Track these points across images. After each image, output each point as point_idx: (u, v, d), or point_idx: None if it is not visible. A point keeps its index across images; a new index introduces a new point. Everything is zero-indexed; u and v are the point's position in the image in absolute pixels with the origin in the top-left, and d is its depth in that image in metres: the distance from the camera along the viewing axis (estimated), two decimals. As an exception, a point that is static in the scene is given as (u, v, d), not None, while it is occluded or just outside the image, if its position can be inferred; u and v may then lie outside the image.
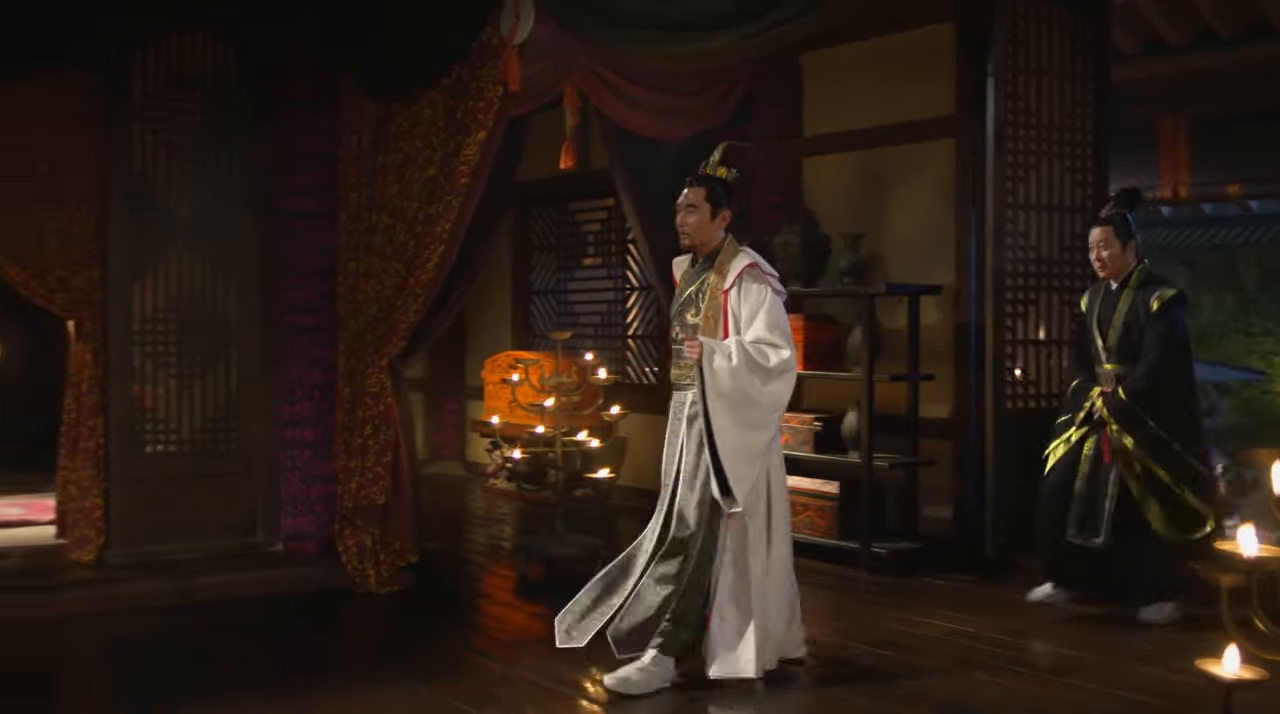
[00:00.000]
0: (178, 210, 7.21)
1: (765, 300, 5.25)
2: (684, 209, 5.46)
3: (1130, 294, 6.29)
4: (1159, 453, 6.14)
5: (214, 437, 7.36)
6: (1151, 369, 6.16)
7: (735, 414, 5.14)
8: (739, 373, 5.10)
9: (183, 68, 7.21)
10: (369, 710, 4.94)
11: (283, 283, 7.42)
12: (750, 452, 5.16)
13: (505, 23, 5.96)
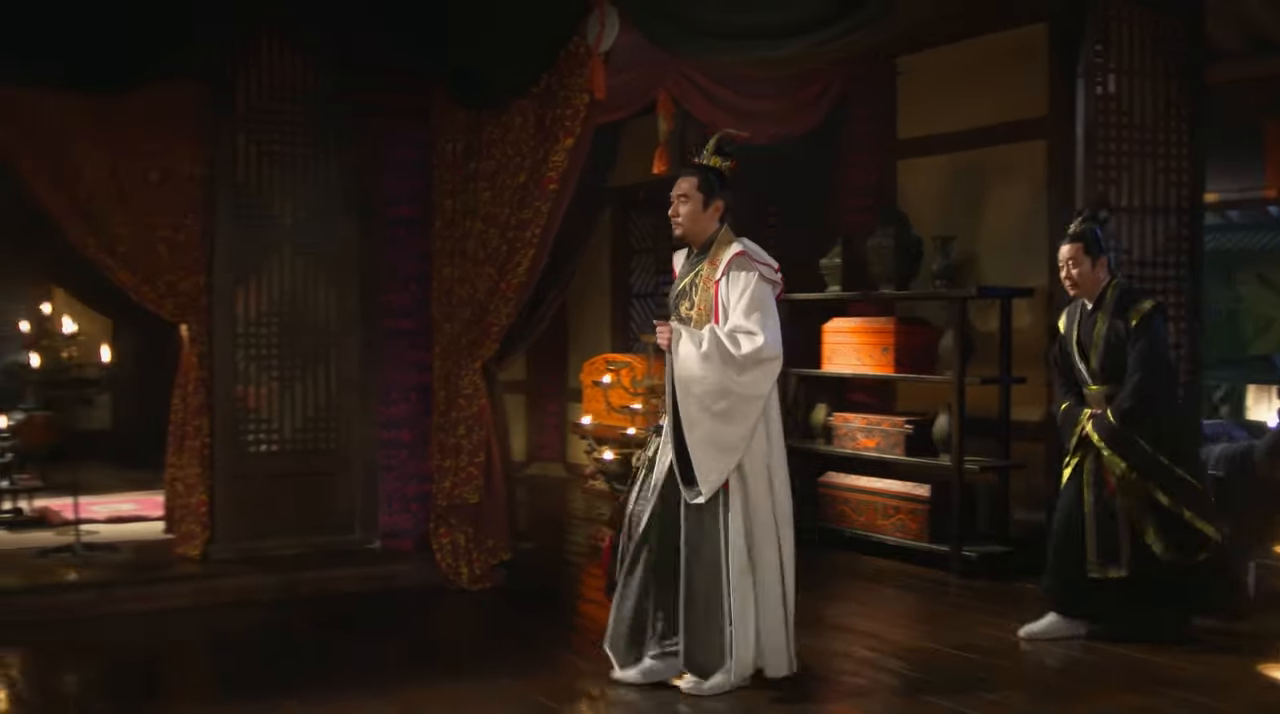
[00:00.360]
0: (280, 218, 7.44)
1: (749, 287, 5.06)
2: (676, 199, 5.33)
3: (1107, 312, 6.05)
4: (1154, 473, 5.92)
5: (314, 436, 7.57)
6: (1137, 389, 5.89)
7: (705, 403, 4.98)
8: (710, 359, 4.95)
9: (285, 80, 7.44)
10: (461, 705, 5.06)
11: (381, 287, 7.62)
12: (721, 443, 4.99)
13: (591, 32, 6.08)
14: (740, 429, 5.01)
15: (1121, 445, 5.94)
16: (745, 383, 4.98)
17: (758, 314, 5.03)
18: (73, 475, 7.87)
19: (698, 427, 5.01)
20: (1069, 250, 6.11)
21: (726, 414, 4.99)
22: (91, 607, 6.54)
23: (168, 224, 7.15)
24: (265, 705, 4.98)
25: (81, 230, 7.01)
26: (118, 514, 8.65)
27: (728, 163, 5.41)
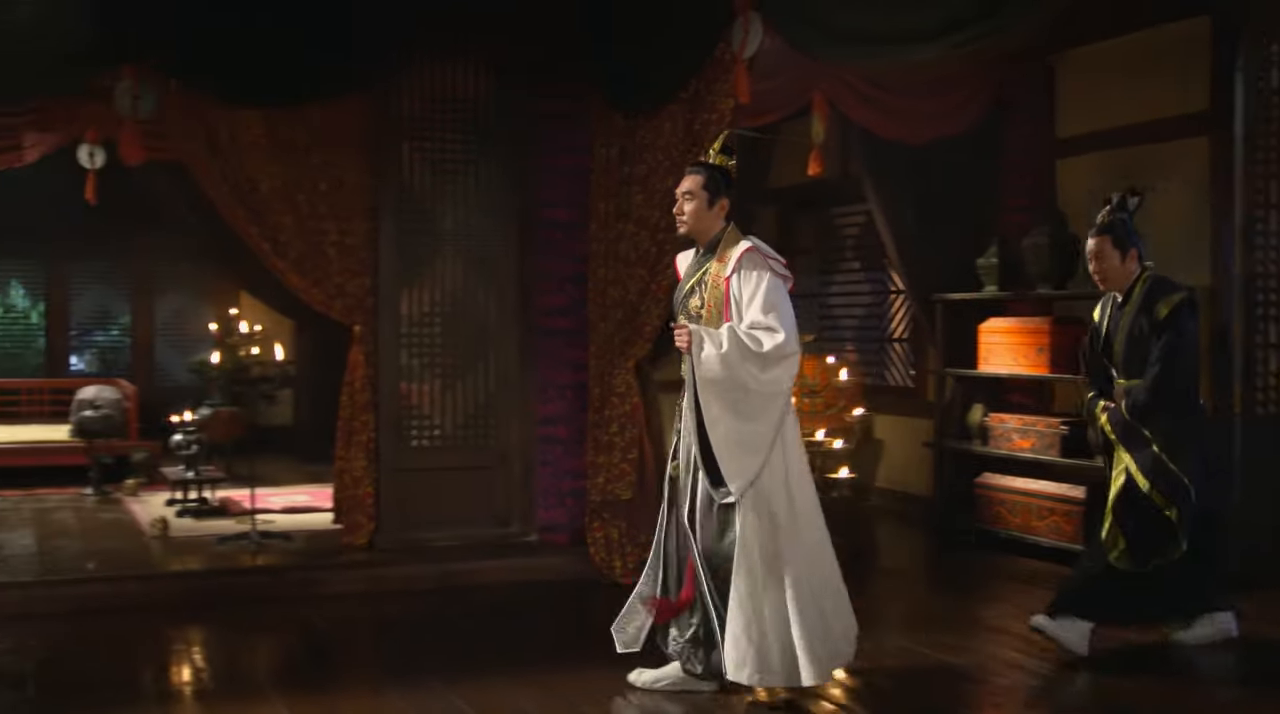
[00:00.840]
0: (442, 222, 7.74)
1: (763, 284, 5.02)
2: (681, 196, 5.30)
3: (1135, 305, 5.80)
4: (1157, 474, 5.66)
5: (474, 432, 7.86)
6: (1154, 383, 5.65)
7: (727, 402, 4.96)
8: (730, 359, 4.89)
9: (446, 90, 7.74)
10: (598, 691, 5.22)
11: (538, 289, 7.86)
12: (746, 442, 4.97)
13: (736, 38, 6.19)
14: (764, 426, 4.98)
15: (1133, 441, 5.72)
16: (767, 380, 4.94)
17: (775, 311, 4.99)
18: (250, 468, 8.33)
19: (722, 426, 4.98)
20: (1095, 243, 5.88)
21: (750, 412, 4.96)
22: (264, 590, 6.95)
23: (336, 229, 7.51)
24: (415, 685, 5.24)
25: (257, 237, 7.42)
26: (293, 505, 9.11)
27: (733, 162, 5.39)
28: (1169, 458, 5.65)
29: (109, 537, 8.16)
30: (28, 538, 8.08)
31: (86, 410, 10.69)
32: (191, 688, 5.38)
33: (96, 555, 7.50)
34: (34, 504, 9.47)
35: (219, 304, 13.74)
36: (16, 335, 13.79)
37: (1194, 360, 5.81)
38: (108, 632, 6.18)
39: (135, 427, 11.24)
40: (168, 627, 6.28)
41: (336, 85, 7.49)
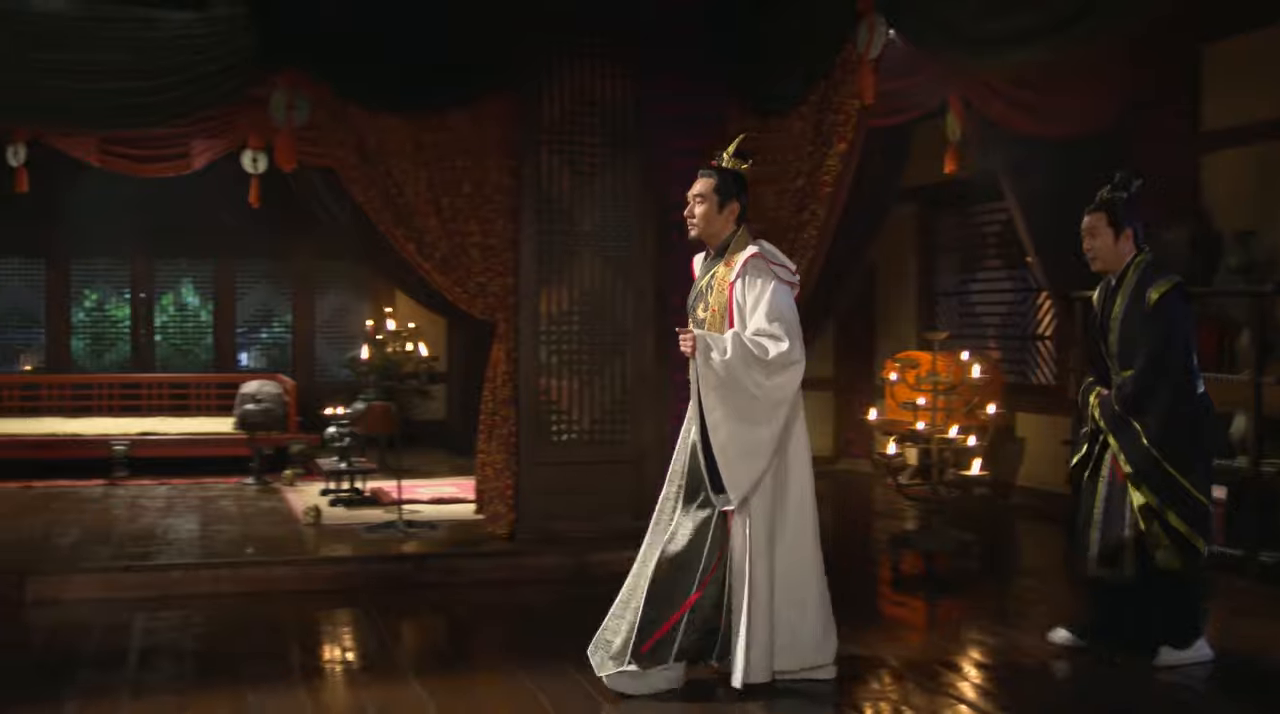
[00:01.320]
0: (580, 223, 7.96)
1: (768, 291, 5.03)
2: (692, 199, 5.32)
3: (1127, 290, 5.60)
4: (1149, 474, 5.45)
5: (610, 427, 8.06)
6: (1142, 374, 5.46)
7: (730, 408, 4.97)
8: (733, 366, 4.92)
9: (585, 94, 7.96)
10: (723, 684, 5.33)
11: (674, 287, 8.00)
12: (748, 448, 4.98)
13: (861, 39, 6.29)
14: (766, 433, 5.00)
15: (1123, 435, 5.52)
16: (771, 387, 4.97)
17: (779, 321, 5.00)
18: (398, 460, 8.67)
19: (722, 433, 5.00)
20: (1090, 220, 5.72)
21: (752, 419, 4.98)
22: (409, 576, 7.25)
23: (479, 231, 7.80)
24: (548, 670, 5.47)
25: (403, 238, 7.75)
26: (440, 496, 9.45)
27: (746, 165, 5.40)
28: (1161, 453, 5.43)
29: (266, 523, 8.59)
30: (192, 523, 8.56)
31: (249, 404, 11.21)
32: (336, 666, 5.70)
33: (254, 541, 7.92)
34: (199, 492, 10.00)
35: (376, 302, 14.24)
36: (188, 332, 14.44)
37: (1186, 347, 5.54)
38: (262, 612, 6.55)
39: (294, 420, 11.72)
40: (317, 609, 6.64)
41: (480, 92, 7.79)
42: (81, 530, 8.21)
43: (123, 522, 8.59)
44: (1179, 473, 5.41)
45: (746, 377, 4.93)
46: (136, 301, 14.01)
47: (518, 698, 5.14)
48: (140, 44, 7.40)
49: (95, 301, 14.21)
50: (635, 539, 7.76)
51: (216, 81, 7.54)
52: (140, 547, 7.67)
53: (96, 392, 12.97)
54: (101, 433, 11.20)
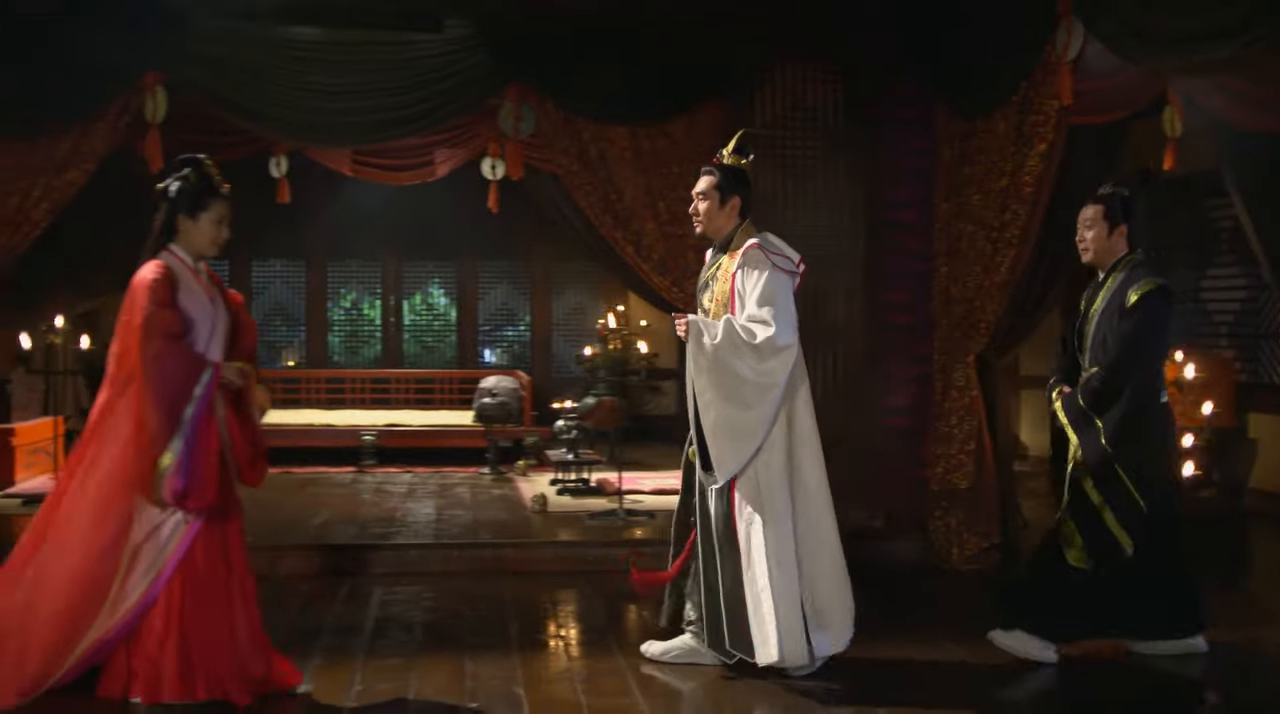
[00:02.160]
0: (792, 224, 8.16)
1: (762, 279, 5.23)
2: (695, 197, 5.53)
3: (1110, 288, 5.57)
4: (1097, 469, 5.37)
5: (823, 422, 8.18)
6: (1109, 369, 5.41)
7: (719, 391, 5.18)
8: (721, 349, 5.14)
9: (799, 98, 8.22)
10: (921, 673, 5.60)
11: (884, 286, 8.21)
12: (736, 429, 5.18)
13: (1060, 41, 6.36)
14: (754, 416, 5.19)
15: (1084, 433, 5.44)
16: (762, 370, 5.16)
17: (770, 306, 5.19)
18: (623, 452, 9.10)
19: (712, 414, 5.21)
20: (1089, 211, 5.71)
21: (741, 401, 5.17)
22: (625, 561, 7.63)
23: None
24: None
25: (623, 241, 8.17)
26: (661, 487, 9.82)
27: (745, 161, 5.55)
28: (1115, 452, 5.37)
29: (496, 510, 9.15)
30: (429, 507, 9.18)
31: (485, 398, 11.85)
32: (550, 640, 6.12)
33: (484, 525, 8.47)
34: (439, 480, 10.66)
35: (609, 301, 14.78)
36: (436, 330, 15.27)
37: (1156, 352, 5.53)
38: (487, 590, 7.04)
39: (530, 414, 12.32)
40: (538, 588, 7.09)
41: (698, 101, 8.15)
42: (330, 512, 8.92)
43: (367, 505, 9.29)
44: (1125, 474, 5.40)
45: (736, 360, 5.16)
46: (387, 301, 14.90)
47: (707, 673, 5.45)
48: (386, 65, 8.10)
49: (351, 301, 15.17)
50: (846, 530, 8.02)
51: (452, 96, 8.15)
52: (381, 528, 8.32)
53: (349, 386, 13.91)
54: (353, 424, 12.04)
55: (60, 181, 7.72)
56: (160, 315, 4.85)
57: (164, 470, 4.79)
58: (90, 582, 4.85)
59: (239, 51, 7.87)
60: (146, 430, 4.81)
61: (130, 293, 4.93)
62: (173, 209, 5.08)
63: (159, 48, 7.68)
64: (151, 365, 4.81)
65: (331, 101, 8.11)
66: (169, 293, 4.91)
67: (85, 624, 4.85)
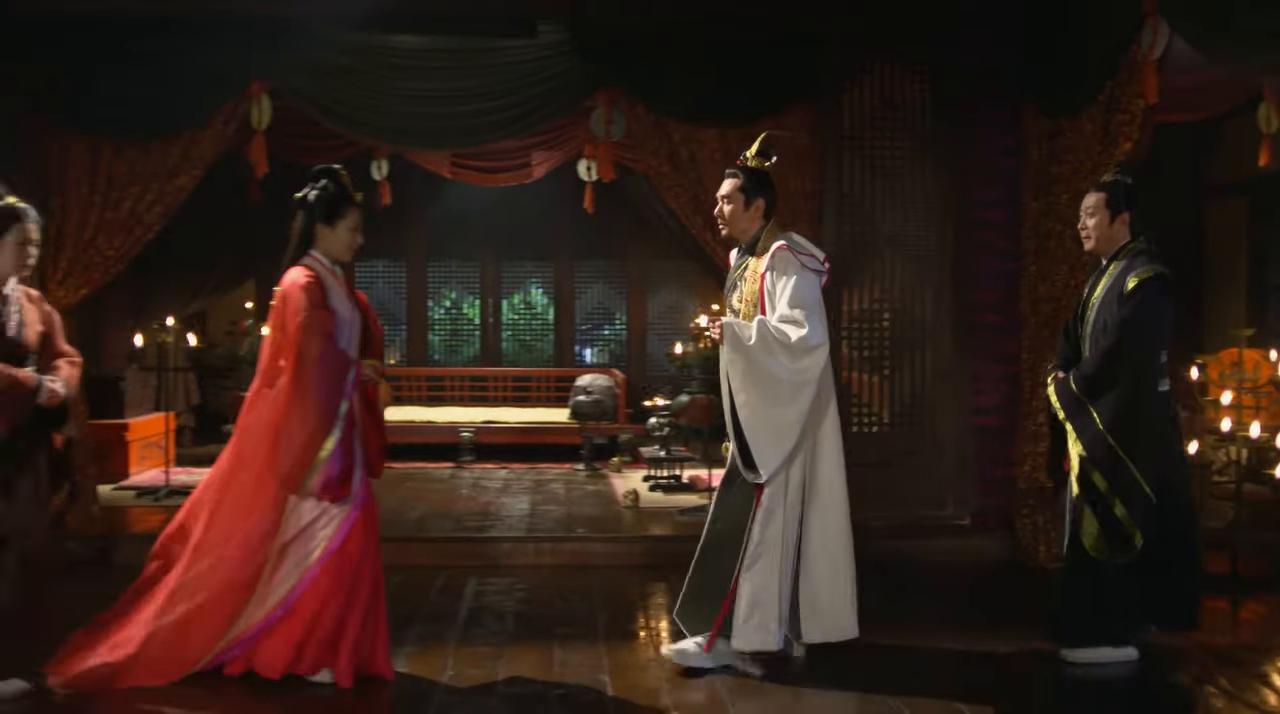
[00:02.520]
0: (881, 224, 8.31)
1: (792, 279, 5.32)
2: (720, 200, 5.62)
3: (1111, 275, 5.56)
4: (1100, 457, 5.33)
5: (909, 420, 8.37)
6: (1104, 355, 5.35)
7: (757, 390, 5.29)
8: (756, 350, 5.25)
9: (886, 97, 8.31)
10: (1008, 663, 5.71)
11: (972, 285, 8.24)
12: (776, 427, 5.28)
13: (1145, 40, 6.37)
14: (792, 412, 5.29)
15: (1078, 419, 5.43)
16: (796, 370, 5.26)
17: (801, 307, 5.28)
18: (710, 449, 9.23)
19: (748, 412, 5.31)
20: (1092, 199, 5.70)
21: (778, 399, 5.28)
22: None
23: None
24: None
25: (712, 242, 8.28)
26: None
27: (769, 163, 5.65)
28: (1115, 439, 5.35)
29: (589, 505, 9.33)
30: (524, 502, 9.39)
31: (580, 396, 12.04)
32: (637, 630, 6.27)
33: (577, 520, 8.65)
34: (534, 476, 10.86)
35: (705, 300, 14.89)
36: (535, 329, 15.51)
37: (1153, 338, 5.44)
38: (577, 582, 7.21)
39: (624, 411, 12.49)
40: (627, 581, 7.25)
41: (787, 103, 8.24)
42: (428, 506, 9.17)
43: (464, 500, 9.52)
44: (1130, 460, 5.38)
45: (771, 361, 5.27)
46: (485, 301, 15.17)
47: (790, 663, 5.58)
48: (481, 70, 8.32)
49: (451, 301, 15.48)
50: (934, 528, 8.15)
51: (545, 100, 8.35)
52: (476, 522, 8.55)
53: (449, 384, 14.20)
54: (451, 421, 12.29)
55: (171, 186, 8.05)
56: (319, 316, 5.10)
57: (319, 462, 5.05)
58: (241, 573, 5.12)
59: (340, 60, 8.15)
60: (305, 425, 5.05)
61: (282, 296, 5.18)
62: (311, 217, 5.33)
63: (265, 57, 7.99)
64: (313, 364, 5.06)
65: (428, 106, 8.35)
66: (321, 295, 5.17)
67: (235, 614, 5.14)
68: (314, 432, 5.05)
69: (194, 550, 5.20)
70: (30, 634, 5.09)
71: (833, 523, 5.54)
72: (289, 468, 5.07)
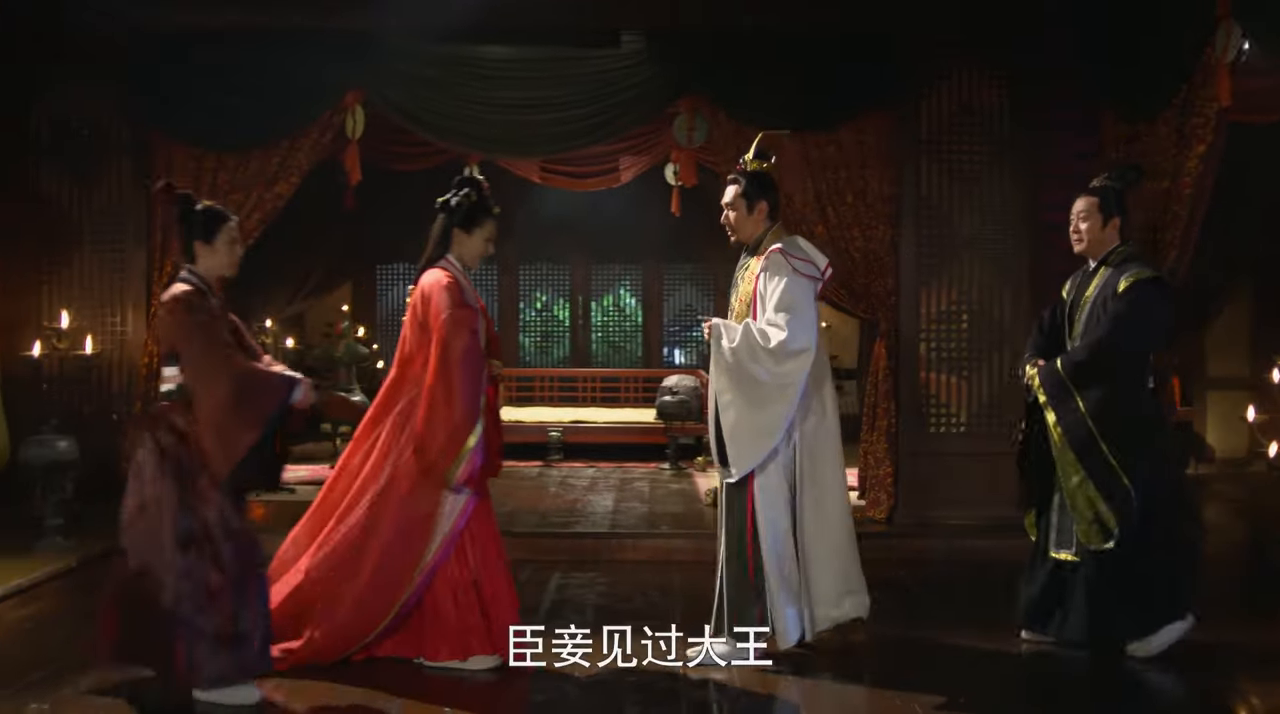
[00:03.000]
0: (959, 226, 8.42)
1: (781, 284, 5.40)
2: (725, 206, 5.69)
3: (1102, 277, 5.69)
4: (1079, 446, 5.36)
5: (986, 421, 8.46)
6: (1095, 344, 5.42)
7: (737, 391, 5.41)
8: (739, 352, 5.37)
9: (963, 104, 8.44)
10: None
11: (1049, 287, 8.27)
12: (756, 428, 5.40)
13: (1219, 44, 6.42)
14: (771, 415, 5.40)
15: (1058, 396, 5.46)
16: (780, 373, 5.36)
17: (785, 312, 5.37)
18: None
19: (731, 413, 5.43)
20: (1083, 204, 5.82)
21: (759, 401, 5.39)
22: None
23: (861, 236, 8.40)
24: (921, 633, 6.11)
25: (790, 244, 8.46)
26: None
27: (767, 165, 5.71)
28: (1099, 429, 5.40)
29: (672, 503, 9.54)
30: (608, 500, 9.63)
31: (666, 396, 12.23)
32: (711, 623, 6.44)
33: (660, 517, 8.87)
34: (620, 474, 11.11)
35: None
36: (624, 331, 15.77)
37: (1146, 337, 5.55)
38: (657, 578, 7.41)
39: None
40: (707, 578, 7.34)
41: (866, 108, 8.40)
42: (516, 503, 9.43)
43: (551, 497, 9.79)
44: (1112, 452, 5.43)
45: (753, 363, 5.39)
46: (575, 303, 15.45)
47: (850, 656, 5.78)
48: (565, 79, 8.60)
49: (543, 303, 15.78)
50: (1008, 527, 8.19)
51: (629, 108, 8.60)
52: (562, 518, 8.80)
53: (539, 384, 14.48)
54: (540, 420, 12.56)
55: (270, 194, 8.41)
56: (464, 314, 5.35)
57: (465, 453, 5.29)
58: (404, 554, 5.36)
59: (430, 71, 8.47)
60: (451, 418, 5.25)
61: (424, 295, 5.45)
62: (450, 221, 5.59)
63: (360, 69, 8.34)
64: (461, 359, 5.29)
65: (514, 115, 8.63)
66: (461, 295, 5.43)
67: (399, 594, 5.38)
68: (459, 425, 5.26)
69: (342, 541, 5.43)
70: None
71: (832, 510, 5.64)
72: (435, 459, 5.30)
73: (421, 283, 5.49)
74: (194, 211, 5.14)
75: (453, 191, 5.59)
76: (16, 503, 7.91)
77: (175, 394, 4.97)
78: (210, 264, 5.14)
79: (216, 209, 5.26)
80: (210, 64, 8.31)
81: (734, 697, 5.23)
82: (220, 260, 5.17)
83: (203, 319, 4.93)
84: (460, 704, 5.03)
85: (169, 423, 4.92)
